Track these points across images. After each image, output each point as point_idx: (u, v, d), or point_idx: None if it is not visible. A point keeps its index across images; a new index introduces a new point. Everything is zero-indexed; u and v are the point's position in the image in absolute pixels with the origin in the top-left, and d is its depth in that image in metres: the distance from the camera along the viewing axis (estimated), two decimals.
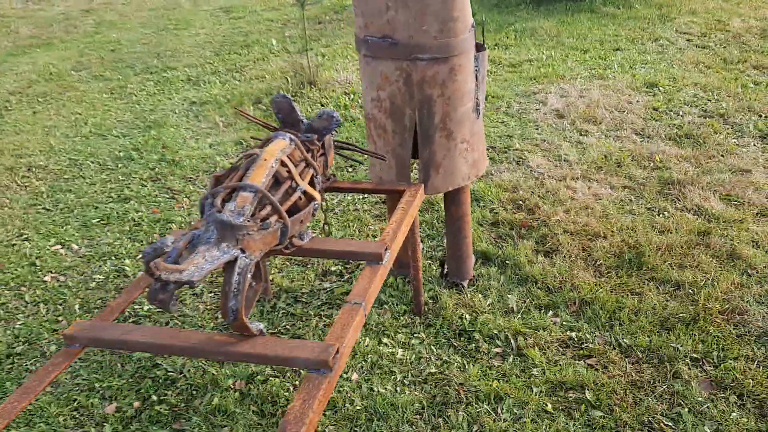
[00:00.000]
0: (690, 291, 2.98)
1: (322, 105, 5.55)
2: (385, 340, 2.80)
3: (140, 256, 1.70)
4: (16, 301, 3.23)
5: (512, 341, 2.75)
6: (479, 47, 2.71)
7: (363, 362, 2.69)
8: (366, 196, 3.97)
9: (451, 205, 2.94)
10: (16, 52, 8.17)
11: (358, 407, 2.48)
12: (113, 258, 3.54)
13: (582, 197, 3.79)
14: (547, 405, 2.45)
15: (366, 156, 2.76)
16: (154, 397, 2.59)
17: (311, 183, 2.19)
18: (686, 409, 2.40)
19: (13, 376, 2.76)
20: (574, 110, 5.01)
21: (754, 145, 4.37)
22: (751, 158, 4.18)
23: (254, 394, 2.57)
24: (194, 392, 2.61)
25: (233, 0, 10.56)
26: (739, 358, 2.61)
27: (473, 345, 2.75)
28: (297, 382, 2.62)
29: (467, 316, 2.90)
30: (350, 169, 4.36)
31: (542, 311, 2.92)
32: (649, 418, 2.38)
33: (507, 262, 3.25)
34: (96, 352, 2.85)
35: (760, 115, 4.78)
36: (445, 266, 3.18)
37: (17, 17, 10.34)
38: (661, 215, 3.59)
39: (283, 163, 2.02)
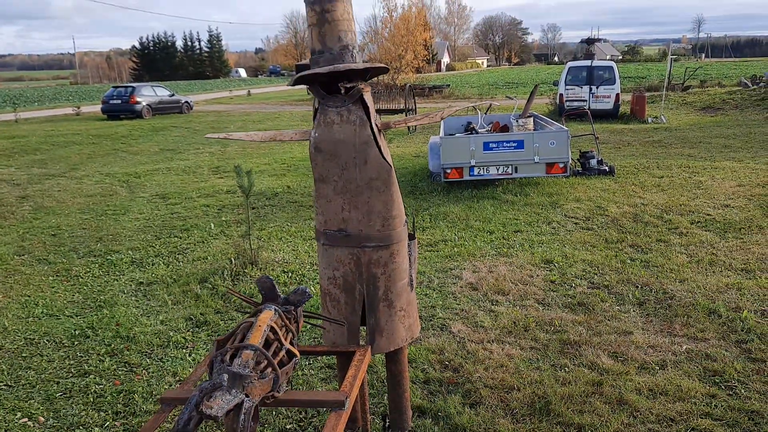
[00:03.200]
0: (589, 431, 3.61)
1: None
2: None
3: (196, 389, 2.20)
4: None
5: None
6: (411, 237, 3.47)
7: None
8: (312, 362, 4.50)
9: (391, 364, 3.54)
10: None
11: None
12: (81, 428, 3.84)
13: (497, 357, 4.46)
14: None
15: (321, 321, 3.36)
16: None
17: (291, 343, 2.75)
18: None
19: None
20: (486, 283, 5.83)
21: (633, 311, 5.24)
22: (632, 322, 5.03)
23: None
24: None
25: (168, 187, 11.35)
26: None
27: None
28: None
29: None
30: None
31: None
32: None
33: (439, 414, 3.81)
34: None
35: (637, 286, 5.73)
36: (387, 419, 3.69)
37: None
38: (562, 370, 4.29)
39: (272, 329, 2.60)
